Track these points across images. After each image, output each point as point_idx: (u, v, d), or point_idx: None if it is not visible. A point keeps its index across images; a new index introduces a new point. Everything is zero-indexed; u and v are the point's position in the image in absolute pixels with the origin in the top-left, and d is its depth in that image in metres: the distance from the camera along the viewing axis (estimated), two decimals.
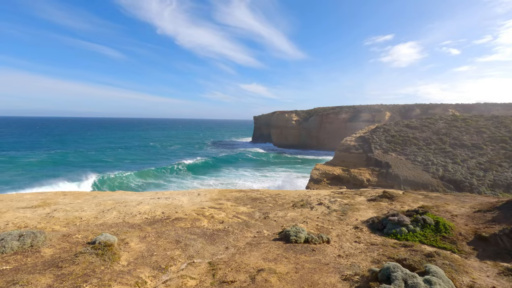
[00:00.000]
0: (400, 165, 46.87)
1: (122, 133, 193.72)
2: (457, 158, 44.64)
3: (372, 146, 52.31)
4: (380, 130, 55.79)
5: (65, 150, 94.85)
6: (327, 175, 51.02)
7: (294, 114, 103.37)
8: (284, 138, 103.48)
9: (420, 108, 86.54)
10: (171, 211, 10.43)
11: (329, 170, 51.97)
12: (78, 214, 9.96)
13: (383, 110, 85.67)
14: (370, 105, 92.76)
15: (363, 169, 49.84)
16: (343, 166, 52.56)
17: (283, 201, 14.99)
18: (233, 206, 13.31)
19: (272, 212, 12.12)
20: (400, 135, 52.96)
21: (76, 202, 13.88)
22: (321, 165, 54.07)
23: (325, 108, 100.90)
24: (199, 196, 16.21)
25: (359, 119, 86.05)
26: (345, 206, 12.77)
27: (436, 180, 41.92)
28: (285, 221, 10.46)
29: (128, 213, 10.00)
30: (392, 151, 50.37)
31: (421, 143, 50.33)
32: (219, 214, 10.55)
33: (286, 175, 70.13)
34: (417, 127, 54.13)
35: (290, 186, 61.58)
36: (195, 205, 12.55)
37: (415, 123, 55.65)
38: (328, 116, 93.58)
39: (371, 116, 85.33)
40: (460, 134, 49.23)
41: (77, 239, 6.75)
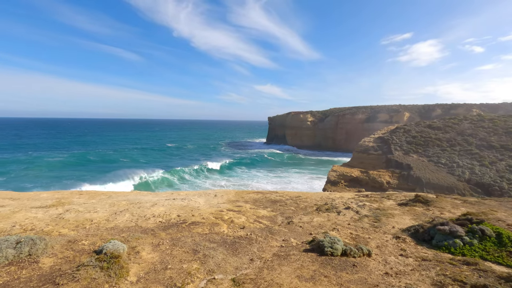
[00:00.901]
0: (422, 167, 44.57)
1: (139, 134, 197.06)
2: (484, 160, 41.93)
3: (392, 147, 50.14)
4: (400, 131, 53.48)
5: (86, 150, 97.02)
6: (344, 177, 49.27)
7: (310, 114, 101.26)
8: (299, 139, 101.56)
9: (441, 108, 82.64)
10: (187, 214, 9.53)
11: (347, 171, 50.20)
12: (90, 216, 9.22)
13: (401, 111, 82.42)
14: (388, 105, 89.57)
15: (382, 171, 47.81)
16: (362, 168, 50.64)
17: (305, 204, 13.87)
18: (252, 209, 12.31)
19: (296, 216, 11.03)
20: (422, 136, 50.50)
21: (90, 202, 13.28)
22: (338, 166, 52.33)
23: (341, 109, 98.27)
24: (216, 197, 15.31)
25: (376, 120, 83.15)
26: (376, 211, 11.50)
27: (462, 184, 39.49)
28: (312, 227, 9.35)
29: (142, 216, 9.17)
30: (414, 153, 48.04)
31: (444, 144, 47.76)
32: (239, 218, 9.55)
33: (301, 176, 68.63)
34: (440, 128, 51.49)
35: (305, 187, 60.09)
36: (212, 208, 11.63)
37: (437, 123, 52.97)
38: (345, 116, 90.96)
39: (389, 116, 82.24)
40: (488, 135, 46.32)
41: (83, 246, 5.93)
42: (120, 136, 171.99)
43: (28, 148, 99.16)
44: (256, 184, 59.32)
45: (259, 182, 61.80)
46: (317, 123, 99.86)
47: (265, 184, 59.52)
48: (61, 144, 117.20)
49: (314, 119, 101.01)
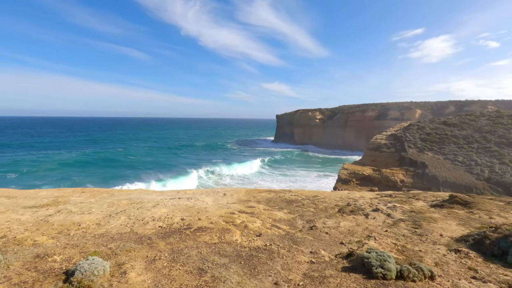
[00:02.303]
0: (438, 165, 42.29)
1: (148, 133, 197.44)
2: (504, 158, 39.47)
3: (406, 145, 47.89)
4: (413, 128, 51.14)
5: (96, 149, 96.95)
6: (356, 175, 47.30)
7: (318, 112, 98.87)
8: (308, 137, 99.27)
9: (455, 105, 79.27)
10: (193, 217, 8.02)
11: (358, 170, 48.21)
12: (79, 219, 7.80)
13: (413, 108, 79.47)
14: (398, 102, 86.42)
15: (396, 169, 45.67)
16: (374, 166, 48.58)
17: (325, 204, 12.22)
18: (267, 210, 10.74)
19: (318, 220, 9.43)
20: (437, 133, 48.10)
21: (88, 201, 11.91)
22: (350, 164, 50.35)
23: (351, 106, 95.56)
24: (225, 196, 13.79)
25: (386, 117, 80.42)
26: (411, 214, 9.79)
27: (481, 183, 37.17)
28: (341, 234, 7.73)
29: (139, 219, 7.70)
30: (428, 150, 45.74)
31: (461, 141, 45.30)
32: (254, 223, 7.99)
33: (309, 174, 66.76)
34: (456, 124, 48.98)
35: (313, 186, 58.25)
36: (221, 209, 10.09)
37: (453, 120, 50.46)
38: (354, 114, 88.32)
39: (400, 114, 79.41)
40: (507, 132, 43.70)
41: (53, 263, 4.47)
42: (128, 134, 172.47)
43: (40, 146, 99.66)
44: (263, 183, 57.73)
45: (265, 180, 60.23)
46: (326, 120, 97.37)
47: (271, 182, 57.89)
48: (71, 142, 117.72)
49: (323, 117, 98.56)
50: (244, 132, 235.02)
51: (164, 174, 58.21)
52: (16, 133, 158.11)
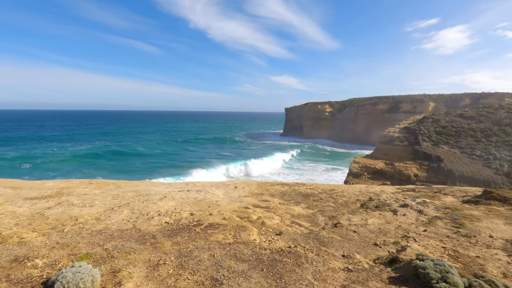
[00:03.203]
0: (454, 159, 40.51)
1: (158, 126, 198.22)
2: None
3: (420, 138, 46.10)
4: (428, 121, 49.18)
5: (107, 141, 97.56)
6: (368, 168, 45.88)
7: (328, 105, 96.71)
8: (317, 130, 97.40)
9: (470, 97, 76.04)
10: (203, 212, 7.11)
11: (370, 163, 46.76)
12: (78, 212, 6.99)
13: (426, 100, 76.64)
14: (411, 95, 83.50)
15: (409, 163, 44.06)
16: (386, 160, 47.03)
17: (344, 199, 11.18)
18: (283, 204, 9.78)
19: (341, 216, 8.43)
20: (453, 126, 46.10)
21: (92, 193, 11.16)
22: (361, 158, 48.89)
23: (361, 99, 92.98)
24: (236, 189, 12.87)
25: (398, 110, 77.90)
26: (446, 211, 8.68)
27: (500, 178, 35.38)
28: (371, 232, 6.71)
29: (144, 213, 6.83)
30: (444, 144, 43.88)
31: (479, 134, 43.27)
32: (271, 219, 7.04)
33: (318, 167, 65.45)
34: (473, 117, 46.83)
35: (322, 179, 56.93)
36: (234, 202, 9.18)
37: (470, 112, 48.26)
38: (365, 107, 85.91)
39: (412, 106, 76.77)
40: None
41: (33, 269, 3.61)
42: (138, 127, 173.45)
43: (53, 138, 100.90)
44: (270, 176, 56.79)
45: (273, 173, 59.28)
46: (336, 113, 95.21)
47: (277, 176, 56.90)
48: (83, 135, 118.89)
49: (333, 110, 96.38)
50: (252, 125, 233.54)
51: (173, 167, 57.88)
52: (30, 125, 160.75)
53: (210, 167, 60.02)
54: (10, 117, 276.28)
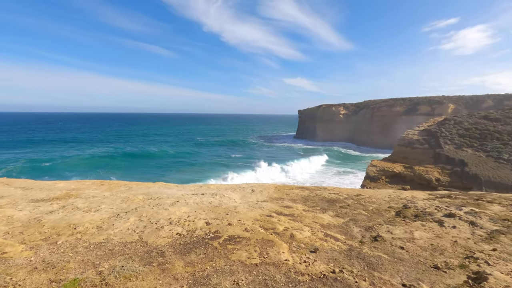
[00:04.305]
0: (480, 163, 38.05)
1: (173, 128, 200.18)
2: None
3: (441, 141, 43.73)
4: (450, 123, 46.70)
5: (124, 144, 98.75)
6: (385, 172, 43.88)
7: (342, 107, 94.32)
8: (331, 133, 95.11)
9: (493, 99, 72.09)
10: (221, 221, 6.06)
11: (388, 167, 44.74)
12: (80, 219, 6.10)
13: (445, 102, 73.26)
14: (429, 96, 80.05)
15: (430, 167, 41.81)
16: (405, 163, 44.89)
17: (374, 206, 9.90)
18: (308, 212, 8.62)
19: (379, 227, 7.20)
20: (477, 128, 43.49)
21: (102, 195, 10.33)
22: (378, 161, 46.89)
23: (377, 101, 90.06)
24: (253, 193, 11.78)
25: (416, 112, 74.86)
26: (506, 223, 7.29)
27: None
28: (423, 250, 5.47)
29: (153, 221, 5.85)
30: (468, 147, 41.39)
31: (506, 137, 40.57)
32: (301, 231, 5.90)
33: (329, 170, 63.47)
34: (498, 119, 44.06)
35: (333, 181, 54.89)
36: (254, 209, 8.09)
37: (495, 114, 45.50)
38: (380, 109, 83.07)
39: (430, 108, 73.58)
40: None
41: None
42: (153, 129, 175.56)
43: (71, 140, 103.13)
44: (282, 178, 55.34)
45: (287, 176, 57.76)
46: (350, 116, 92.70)
47: (285, 178, 55.34)
48: (100, 137, 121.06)
49: (347, 112, 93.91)
50: (265, 127, 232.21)
51: (186, 169, 57.50)
52: (51, 128, 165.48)
53: (223, 169, 59.28)
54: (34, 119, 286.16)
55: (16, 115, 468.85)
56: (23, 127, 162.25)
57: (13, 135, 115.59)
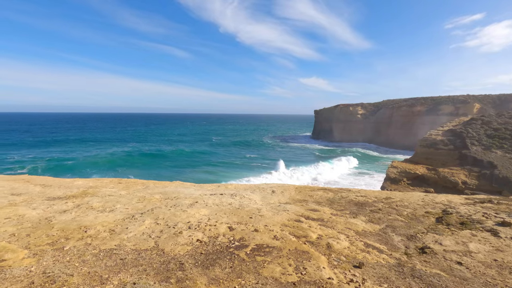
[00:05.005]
0: (510, 165, 35.60)
1: (190, 128, 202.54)
2: None
3: (468, 142, 41.30)
4: (477, 123, 44.11)
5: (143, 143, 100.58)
6: (407, 174, 41.92)
7: (360, 107, 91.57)
8: (348, 133, 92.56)
9: None
10: (246, 226, 5.36)
11: (410, 168, 42.74)
12: (92, 220, 5.58)
13: (470, 101, 69.39)
14: (452, 95, 76.21)
15: (455, 169, 39.55)
16: (428, 165, 42.74)
17: (409, 210, 8.95)
18: (337, 216, 7.78)
19: (423, 235, 6.31)
20: (507, 129, 40.79)
21: (118, 194, 9.90)
22: (399, 162, 44.92)
23: (396, 100, 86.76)
24: (274, 194, 11.04)
25: (438, 112, 71.42)
26: None
27: None
28: (486, 267, 4.54)
29: (170, 225, 5.23)
30: (497, 148, 38.86)
31: None
32: (337, 240, 5.10)
33: (344, 171, 61.48)
34: None
35: (346, 183, 52.99)
36: (278, 212, 7.34)
37: None
38: (400, 109, 79.87)
39: (454, 108, 69.96)
40: None
41: None
42: (172, 129, 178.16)
43: (93, 139, 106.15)
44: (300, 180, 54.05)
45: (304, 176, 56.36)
46: (368, 116, 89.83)
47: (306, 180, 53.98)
48: (120, 136, 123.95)
49: (365, 112, 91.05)
50: (280, 127, 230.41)
51: (203, 168, 57.48)
52: (73, 128, 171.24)
53: (238, 169, 58.88)
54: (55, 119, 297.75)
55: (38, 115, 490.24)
56: (45, 127, 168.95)
57: (35, 134, 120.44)
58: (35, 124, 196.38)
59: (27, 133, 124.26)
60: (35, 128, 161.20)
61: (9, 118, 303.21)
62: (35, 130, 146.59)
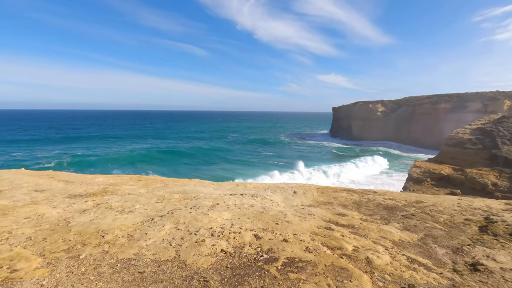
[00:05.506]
0: None
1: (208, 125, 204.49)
2: None
3: (499, 141, 38.84)
4: (509, 121, 41.39)
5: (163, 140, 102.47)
6: (431, 174, 40.00)
7: (380, 104, 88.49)
8: (367, 131, 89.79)
9: None
10: (273, 234, 4.89)
11: (434, 168, 40.76)
12: (110, 222, 5.29)
13: (500, 98, 65.19)
14: (480, 92, 71.96)
15: (484, 170, 37.34)
16: (454, 165, 40.61)
17: (446, 216, 8.16)
18: (367, 222, 7.15)
19: (470, 248, 5.60)
20: None
21: (137, 192, 9.72)
22: (423, 162, 42.96)
23: (419, 97, 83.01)
24: (296, 195, 10.50)
25: (464, 110, 67.65)
26: None
27: None
28: None
29: (192, 231, 4.84)
30: None
31: None
32: (376, 254, 4.53)
33: (360, 170, 59.31)
34: None
35: (368, 182, 50.90)
36: (304, 217, 6.80)
37: None
38: (423, 106, 76.35)
39: (482, 105, 66.02)
40: None
41: None
42: (186, 126, 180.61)
43: (114, 135, 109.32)
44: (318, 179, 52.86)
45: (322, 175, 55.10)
46: (389, 113, 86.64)
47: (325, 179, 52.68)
48: (141, 132, 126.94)
49: (386, 109, 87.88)
50: (298, 125, 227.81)
51: (221, 165, 57.62)
52: (95, 124, 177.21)
53: (255, 167, 58.55)
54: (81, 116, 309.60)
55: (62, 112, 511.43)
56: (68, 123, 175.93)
57: (59, 130, 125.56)
58: (59, 121, 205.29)
59: (52, 129, 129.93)
60: (58, 124, 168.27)
61: (37, 115, 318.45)
62: (59, 126, 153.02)
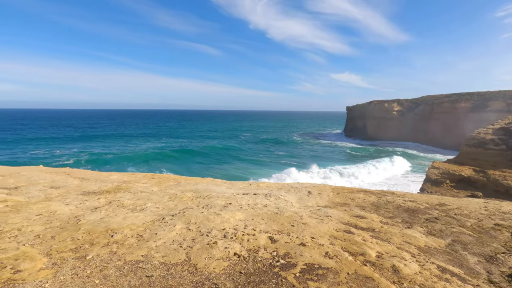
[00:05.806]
0: None
1: (221, 124, 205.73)
2: None
3: None
4: None
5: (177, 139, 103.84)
6: (450, 175, 38.41)
7: (396, 103, 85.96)
8: (383, 131, 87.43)
9: None
10: (290, 238, 4.58)
11: (454, 169, 39.12)
12: (121, 221, 5.13)
13: None
14: (503, 90, 68.57)
15: (508, 172, 35.46)
16: (475, 166, 38.85)
17: (472, 220, 7.64)
18: (388, 225, 6.71)
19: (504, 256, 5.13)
20: None
21: (150, 190, 9.65)
22: (441, 163, 41.35)
23: (437, 96, 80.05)
24: (310, 195, 10.15)
25: (486, 109, 64.68)
26: None
27: None
28: None
29: (203, 232, 4.61)
30: None
31: None
32: (403, 261, 4.14)
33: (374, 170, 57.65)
34: None
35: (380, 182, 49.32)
36: (321, 219, 6.45)
37: None
38: (441, 105, 73.52)
39: (505, 104, 62.83)
40: None
41: None
42: (199, 125, 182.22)
43: (129, 134, 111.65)
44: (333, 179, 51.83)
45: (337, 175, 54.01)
46: (405, 113, 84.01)
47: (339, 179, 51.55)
48: (154, 131, 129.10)
49: (402, 109, 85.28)
50: (311, 124, 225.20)
51: (233, 164, 57.63)
52: (111, 124, 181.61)
53: (268, 166, 58.18)
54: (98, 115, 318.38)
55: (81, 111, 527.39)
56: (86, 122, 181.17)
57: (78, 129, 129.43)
58: (77, 119, 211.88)
59: (70, 128, 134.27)
60: (77, 123, 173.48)
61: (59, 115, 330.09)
62: (77, 125, 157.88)
